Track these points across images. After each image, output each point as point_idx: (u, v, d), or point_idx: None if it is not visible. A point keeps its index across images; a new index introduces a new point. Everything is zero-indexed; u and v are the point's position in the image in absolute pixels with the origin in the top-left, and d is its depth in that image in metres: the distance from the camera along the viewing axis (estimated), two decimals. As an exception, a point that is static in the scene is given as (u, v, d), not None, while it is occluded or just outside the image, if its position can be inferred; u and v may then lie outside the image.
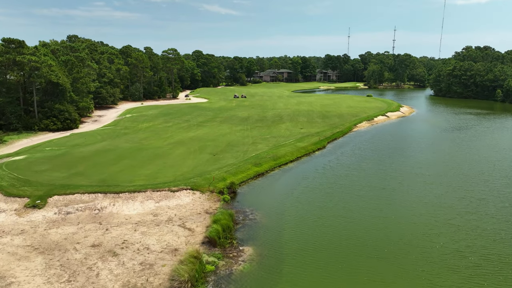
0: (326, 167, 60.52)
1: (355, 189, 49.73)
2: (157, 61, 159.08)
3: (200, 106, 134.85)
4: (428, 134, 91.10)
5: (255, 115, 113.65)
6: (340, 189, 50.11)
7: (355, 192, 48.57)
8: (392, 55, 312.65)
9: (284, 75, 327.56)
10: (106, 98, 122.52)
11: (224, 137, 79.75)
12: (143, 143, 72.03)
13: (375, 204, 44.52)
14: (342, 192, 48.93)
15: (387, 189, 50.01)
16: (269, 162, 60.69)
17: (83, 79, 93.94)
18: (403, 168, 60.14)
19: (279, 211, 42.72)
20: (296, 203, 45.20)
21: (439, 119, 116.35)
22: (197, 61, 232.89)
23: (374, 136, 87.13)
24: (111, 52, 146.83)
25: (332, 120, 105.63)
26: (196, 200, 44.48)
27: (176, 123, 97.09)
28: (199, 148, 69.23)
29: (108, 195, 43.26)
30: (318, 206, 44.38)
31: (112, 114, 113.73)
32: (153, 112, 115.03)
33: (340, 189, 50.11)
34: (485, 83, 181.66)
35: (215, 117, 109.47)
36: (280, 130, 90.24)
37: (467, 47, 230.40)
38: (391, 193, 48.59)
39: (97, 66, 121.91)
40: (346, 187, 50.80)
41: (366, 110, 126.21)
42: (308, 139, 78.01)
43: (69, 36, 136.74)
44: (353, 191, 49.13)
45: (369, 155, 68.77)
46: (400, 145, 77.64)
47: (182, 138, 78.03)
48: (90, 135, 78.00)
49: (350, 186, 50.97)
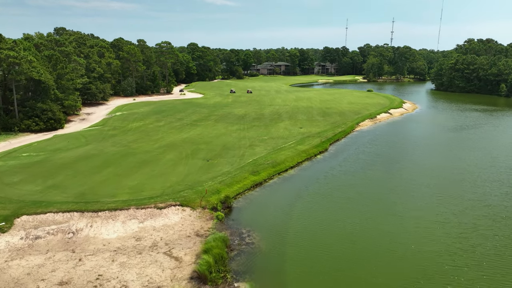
0: (329, 175, 55.49)
1: (362, 205, 44.74)
2: (150, 55, 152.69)
3: (194, 103, 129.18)
4: (435, 135, 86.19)
5: (252, 113, 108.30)
6: (345, 204, 45.12)
7: (362, 208, 43.57)
8: (392, 48, 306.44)
9: (281, 68, 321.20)
10: (95, 94, 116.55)
11: (219, 138, 74.50)
12: (131, 146, 66.64)
13: (386, 227, 39.57)
14: (348, 208, 43.94)
15: (398, 204, 45.02)
16: (268, 170, 55.58)
17: (69, 75, 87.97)
18: (413, 177, 55.16)
19: (279, 232, 37.72)
20: (298, 221, 40.20)
21: (445, 117, 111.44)
22: (192, 54, 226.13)
23: (378, 137, 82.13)
24: (101, 45, 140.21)
25: (333, 118, 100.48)
26: (186, 218, 39.38)
27: (168, 122, 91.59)
28: (191, 152, 63.99)
29: (85, 214, 38.05)
30: (321, 225, 39.41)
31: (102, 112, 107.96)
32: (144, 110, 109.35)
33: (345, 204, 45.12)
34: (488, 77, 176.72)
35: (210, 114, 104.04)
36: (279, 129, 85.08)
37: (469, 40, 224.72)
38: (403, 209, 43.64)
39: (85, 60, 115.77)
40: (352, 202, 45.79)
41: (368, 106, 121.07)
42: (309, 141, 72.90)
43: (56, 29, 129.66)
44: (361, 206, 44.12)
45: (374, 160, 63.76)
46: (406, 148, 72.69)
47: (174, 140, 72.67)
48: (74, 137, 72.42)
49: (356, 201, 45.96)
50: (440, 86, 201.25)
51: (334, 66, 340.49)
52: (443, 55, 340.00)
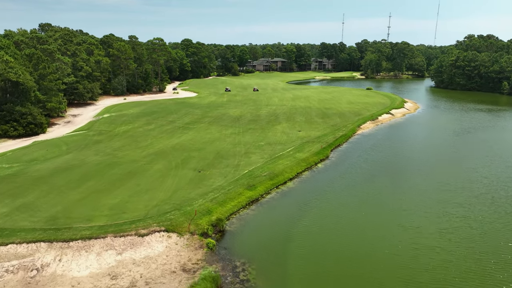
0: (331, 190, 50.59)
1: (368, 228, 39.91)
2: (141, 52, 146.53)
3: (188, 102, 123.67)
4: (441, 139, 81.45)
5: (248, 114, 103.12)
6: (350, 227, 40.26)
7: (369, 233, 38.74)
8: (390, 44, 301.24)
9: (278, 64, 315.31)
10: (83, 94, 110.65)
11: (212, 144, 69.34)
12: (117, 155, 61.31)
13: (399, 259, 34.81)
14: (352, 232, 39.09)
15: (409, 230, 40.14)
16: (265, 183, 50.58)
17: (52, 76, 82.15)
18: (423, 191, 50.36)
19: (278, 263, 32.84)
20: (299, 249, 35.32)
21: (449, 118, 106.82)
22: (187, 51, 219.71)
23: (380, 142, 77.30)
24: (90, 42, 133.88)
25: (333, 119, 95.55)
26: (171, 247, 34.36)
27: (159, 125, 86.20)
28: (182, 161, 58.83)
29: (54, 244, 32.92)
30: (325, 253, 34.59)
31: (89, 113, 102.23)
32: (134, 111, 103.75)
33: (350, 227, 40.26)
34: (490, 75, 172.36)
35: (203, 116, 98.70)
36: (276, 133, 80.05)
37: (469, 36, 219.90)
38: (415, 235, 38.84)
39: (72, 59, 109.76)
40: (356, 224, 40.88)
41: (368, 107, 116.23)
42: (308, 147, 67.94)
43: (41, 25, 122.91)
44: (367, 230, 39.29)
45: (378, 171, 58.83)
46: (412, 156, 67.84)
47: (164, 146, 67.42)
48: (55, 144, 66.90)
49: (361, 224, 41.09)
50: (440, 84, 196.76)
51: (331, 62, 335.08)
52: (441, 51, 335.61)
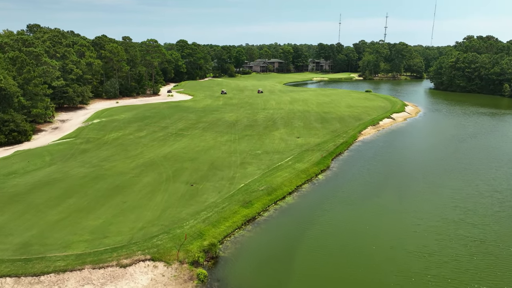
0: (334, 206, 46.87)
1: (378, 250, 36.23)
2: (134, 54, 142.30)
3: (182, 106, 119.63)
4: (446, 146, 77.88)
5: (244, 118, 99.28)
6: (357, 249, 36.56)
7: (380, 256, 35.07)
8: (388, 44, 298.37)
9: (275, 65, 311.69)
10: (73, 98, 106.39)
11: (206, 153, 65.46)
12: (104, 166, 57.27)
13: (411, 285, 31.14)
14: (360, 254, 35.39)
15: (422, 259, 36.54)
16: (262, 199, 46.78)
17: (37, 80, 77.94)
18: (433, 211, 46.72)
19: (278, 299, 29.09)
20: (301, 278, 31.56)
21: (452, 122, 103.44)
22: (182, 52, 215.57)
23: (383, 150, 73.72)
24: (81, 44, 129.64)
25: (333, 125, 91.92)
26: (157, 280, 30.48)
27: (151, 132, 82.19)
28: (173, 173, 54.94)
29: (22, 279, 28.97)
30: (331, 283, 30.86)
31: (79, 118, 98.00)
32: (126, 116, 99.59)
33: (357, 249, 36.56)
34: (491, 77, 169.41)
35: (198, 121, 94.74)
36: (274, 140, 76.32)
37: (468, 37, 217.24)
38: (427, 263, 35.19)
39: (61, 61, 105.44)
40: (365, 246, 37.19)
41: (369, 110, 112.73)
42: (308, 157, 64.21)
43: (29, 26, 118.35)
44: (377, 253, 35.61)
45: (383, 184, 55.11)
46: (417, 166, 64.06)
47: (155, 156, 63.44)
48: (37, 154, 62.75)
49: (371, 246, 37.40)
50: (440, 85, 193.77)
51: (329, 63, 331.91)
52: (439, 52, 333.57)
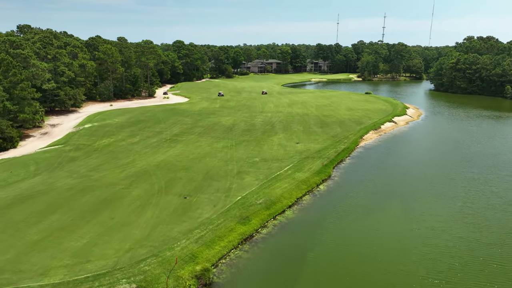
0: (337, 221, 43.82)
1: (385, 274, 33.18)
2: (129, 55, 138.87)
3: (178, 109, 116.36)
4: (452, 153, 74.89)
5: (242, 122, 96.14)
6: (363, 271, 33.49)
7: (387, 280, 32.01)
8: (386, 45, 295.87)
9: (273, 66, 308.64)
10: (64, 101, 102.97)
11: (201, 162, 62.29)
12: (92, 177, 54.03)
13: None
14: (367, 278, 32.33)
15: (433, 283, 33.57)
16: (260, 213, 43.69)
17: (25, 83, 74.56)
18: (444, 227, 43.70)
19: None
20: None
21: (455, 126, 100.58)
22: (178, 53, 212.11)
23: (386, 157, 70.78)
24: (74, 45, 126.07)
25: (333, 129, 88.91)
26: (143, 313, 27.32)
27: (144, 138, 78.95)
28: (166, 184, 51.81)
29: (-10, 316, 25.76)
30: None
31: (70, 123, 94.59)
32: (119, 120, 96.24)
33: (363, 271, 33.49)
34: (492, 78, 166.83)
35: (194, 126, 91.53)
36: (272, 146, 73.26)
37: (468, 37, 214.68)
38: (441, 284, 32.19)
39: (52, 63, 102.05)
40: (371, 269, 34.14)
41: (370, 113, 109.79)
42: (308, 165, 61.16)
43: (20, 26, 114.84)
44: (383, 277, 32.57)
45: (389, 196, 52.14)
46: (423, 176, 60.88)
47: (147, 165, 60.23)
48: (22, 163, 59.43)
49: (377, 269, 34.36)
50: (440, 87, 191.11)
51: (327, 64, 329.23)
52: (438, 52, 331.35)
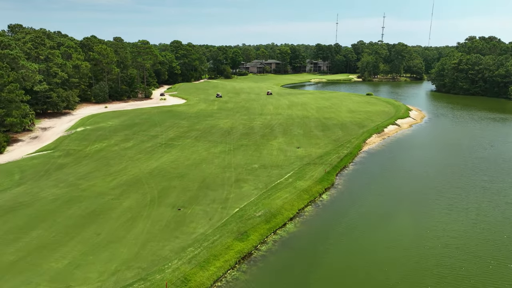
0: (342, 236, 40.62)
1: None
2: (125, 55, 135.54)
3: (175, 111, 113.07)
4: (460, 159, 71.69)
5: (240, 125, 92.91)
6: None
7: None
8: (387, 45, 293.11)
9: (272, 66, 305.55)
10: (57, 103, 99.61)
11: (197, 168, 59.05)
12: (80, 186, 50.74)
13: None
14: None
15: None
16: (259, 228, 40.47)
17: (12, 85, 71.23)
18: (459, 244, 40.58)
19: None
20: None
21: (461, 130, 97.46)
22: (176, 53, 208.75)
23: (392, 163, 67.62)
24: (68, 45, 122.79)
25: (334, 132, 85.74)
26: None
27: (138, 142, 75.65)
28: (159, 193, 48.59)
29: None
30: None
31: (62, 126, 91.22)
32: (113, 123, 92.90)
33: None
34: (495, 79, 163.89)
35: (190, 129, 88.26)
36: (272, 151, 70.06)
37: (470, 38, 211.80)
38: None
39: (44, 64, 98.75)
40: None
41: (372, 116, 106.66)
42: (310, 172, 57.97)
43: (11, 26, 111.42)
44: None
45: (395, 207, 49.00)
46: (432, 184, 57.80)
47: (139, 172, 56.96)
48: (7, 171, 56.08)
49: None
50: (442, 88, 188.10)
51: (327, 64, 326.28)
52: (438, 53, 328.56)
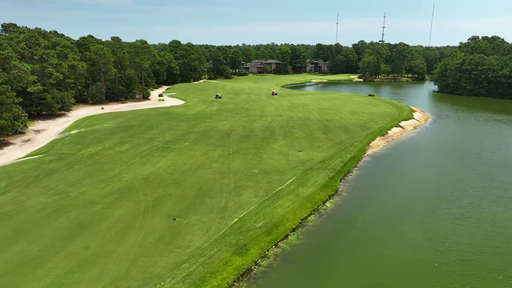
0: (348, 253, 37.93)
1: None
2: (122, 56, 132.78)
3: (173, 113, 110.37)
4: (467, 165, 69.06)
5: (240, 127, 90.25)
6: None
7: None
8: (388, 45, 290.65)
9: (272, 66, 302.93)
10: (51, 105, 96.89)
11: (195, 174, 56.38)
12: (71, 194, 48.04)
13: None
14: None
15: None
16: (260, 240, 37.79)
17: (3, 87, 68.57)
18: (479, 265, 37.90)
19: None
20: None
21: (468, 133, 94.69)
22: (175, 53, 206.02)
23: (397, 167, 64.95)
24: (64, 45, 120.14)
25: (337, 135, 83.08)
26: None
27: (134, 145, 72.97)
28: (154, 201, 45.92)
29: None
30: None
31: (56, 128, 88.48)
32: (109, 125, 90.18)
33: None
34: (499, 80, 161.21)
35: (188, 131, 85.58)
36: (273, 154, 67.41)
37: (473, 37, 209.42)
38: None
39: (39, 64, 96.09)
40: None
41: (375, 117, 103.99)
42: (313, 178, 55.30)
43: (4, 25, 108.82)
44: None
45: (403, 217, 46.38)
46: (441, 192, 55.28)
47: (134, 178, 54.27)
48: (-6, 177, 53.45)
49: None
50: (445, 88, 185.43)
51: (327, 64, 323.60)
52: (440, 53, 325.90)
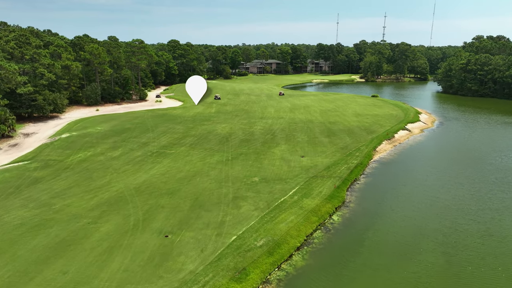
0: (359, 277, 33.85)
1: None
2: (118, 56, 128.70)
3: (170, 115, 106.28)
4: (481, 172, 64.90)
5: (239, 130, 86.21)
6: None
7: None
8: (390, 45, 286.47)
9: (272, 66, 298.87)
10: (43, 107, 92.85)
11: (190, 182, 52.32)
12: (54, 206, 43.95)
13: None
14: None
15: None
16: (261, 262, 33.72)
17: (-12, 90, 64.65)
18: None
19: None
20: None
21: (478, 136, 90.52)
22: (174, 53, 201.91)
23: (405, 175, 60.83)
24: (58, 44, 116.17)
25: (341, 139, 79.04)
26: None
27: (127, 151, 68.87)
28: (144, 215, 41.86)
29: None
30: None
31: (47, 132, 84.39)
32: (102, 129, 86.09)
33: None
34: (506, 80, 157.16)
35: (185, 135, 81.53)
36: (274, 160, 63.39)
37: (478, 37, 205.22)
38: None
39: (29, 65, 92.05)
40: None
41: (380, 120, 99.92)
42: (318, 187, 51.25)
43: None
44: None
45: (420, 231, 42.28)
46: (455, 202, 51.23)
47: (124, 187, 50.20)
48: (-27, 187, 49.35)
49: None
50: (449, 89, 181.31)
51: (329, 64, 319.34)
52: (442, 52, 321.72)
